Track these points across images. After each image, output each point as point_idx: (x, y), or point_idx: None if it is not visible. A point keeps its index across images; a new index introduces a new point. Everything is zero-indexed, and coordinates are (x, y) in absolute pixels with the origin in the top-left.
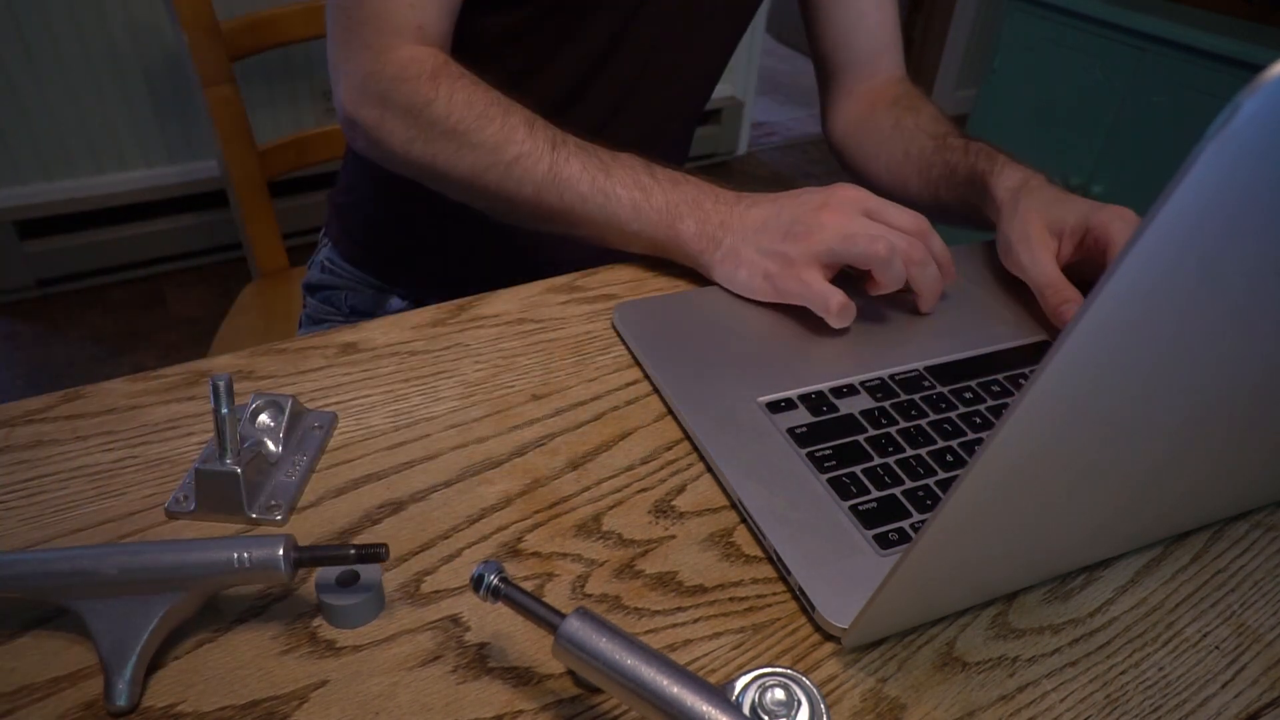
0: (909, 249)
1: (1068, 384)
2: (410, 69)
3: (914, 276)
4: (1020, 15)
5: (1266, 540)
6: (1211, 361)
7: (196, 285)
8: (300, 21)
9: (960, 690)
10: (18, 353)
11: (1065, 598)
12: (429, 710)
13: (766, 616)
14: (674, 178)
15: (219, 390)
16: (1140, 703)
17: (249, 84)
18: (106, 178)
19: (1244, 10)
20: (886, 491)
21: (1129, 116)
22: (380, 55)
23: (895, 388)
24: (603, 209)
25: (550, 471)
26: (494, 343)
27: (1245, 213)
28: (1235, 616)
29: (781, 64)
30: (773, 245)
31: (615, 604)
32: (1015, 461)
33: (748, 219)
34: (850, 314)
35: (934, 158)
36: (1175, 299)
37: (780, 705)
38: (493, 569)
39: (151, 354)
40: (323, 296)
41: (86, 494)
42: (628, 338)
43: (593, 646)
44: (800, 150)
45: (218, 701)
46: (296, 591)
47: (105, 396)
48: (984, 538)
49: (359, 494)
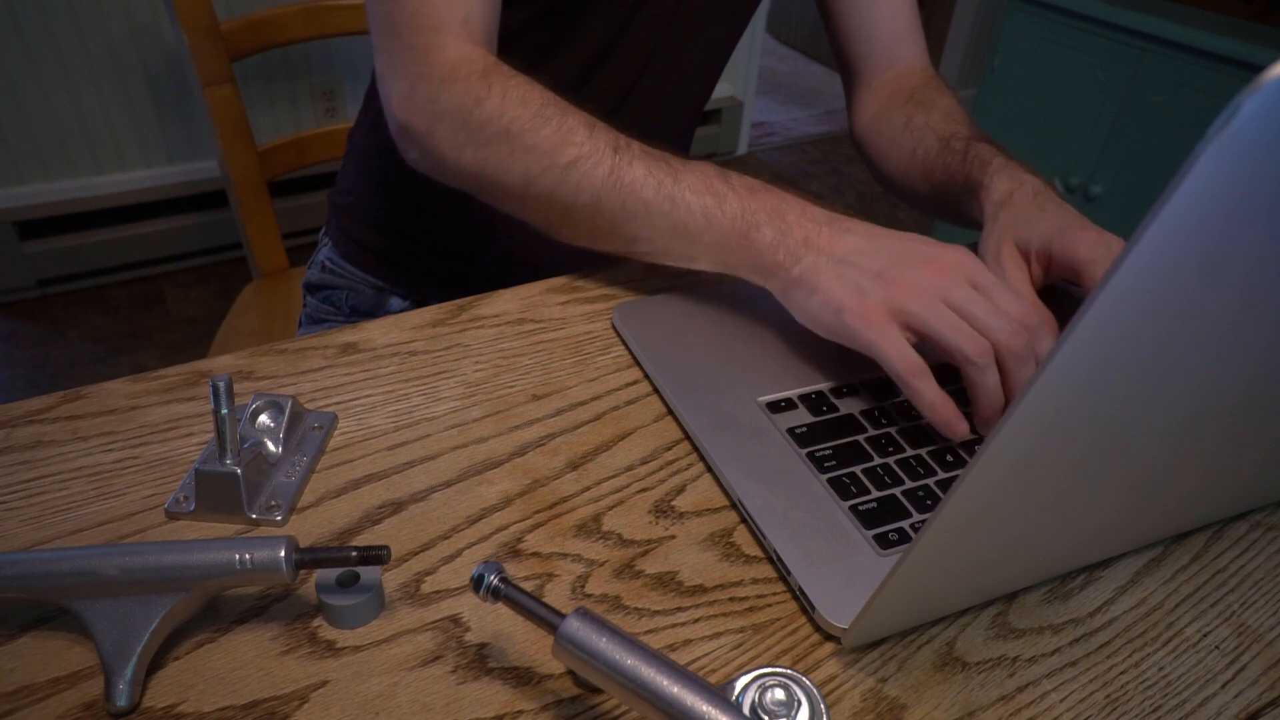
0: (1010, 338)
1: (1068, 384)
2: (461, 69)
3: (1006, 374)
4: (1020, 15)
5: (1266, 540)
6: (1212, 361)
7: (196, 285)
8: (300, 21)
9: (960, 690)
10: (18, 353)
11: (1065, 598)
12: (429, 710)
13: (766, 616)
14: (751, 185)
15: (219, 391)
16: (1140, 703)
17: (249, 84)
18: (106, 178)
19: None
20: (886, 491)
21: (1129, 116)
22: (428, 56)
23: (895, 388)
24: (669, 216)
25: (550, 472)
26: (494, 343)
27: (1245, 213)
28: (1235, 616)
29: (781, 64)
30: (858, 279)
31: (615, 604)
32: (1015, 461)
33: (838, 244)
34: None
35: (936, 161)
36: (1175, 299)
37: (780, 705)
38: (493, 569)
39: (151, 354)
40: (323, 296)
41: (86, 494)
42: (628, 338)
43: (593, 646)
44: (800, 150)
45: (218, 701)
46: (296, 592)
47: (105, 397)
48: (984, 538)
49: (359, 494)
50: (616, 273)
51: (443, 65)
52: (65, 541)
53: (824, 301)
